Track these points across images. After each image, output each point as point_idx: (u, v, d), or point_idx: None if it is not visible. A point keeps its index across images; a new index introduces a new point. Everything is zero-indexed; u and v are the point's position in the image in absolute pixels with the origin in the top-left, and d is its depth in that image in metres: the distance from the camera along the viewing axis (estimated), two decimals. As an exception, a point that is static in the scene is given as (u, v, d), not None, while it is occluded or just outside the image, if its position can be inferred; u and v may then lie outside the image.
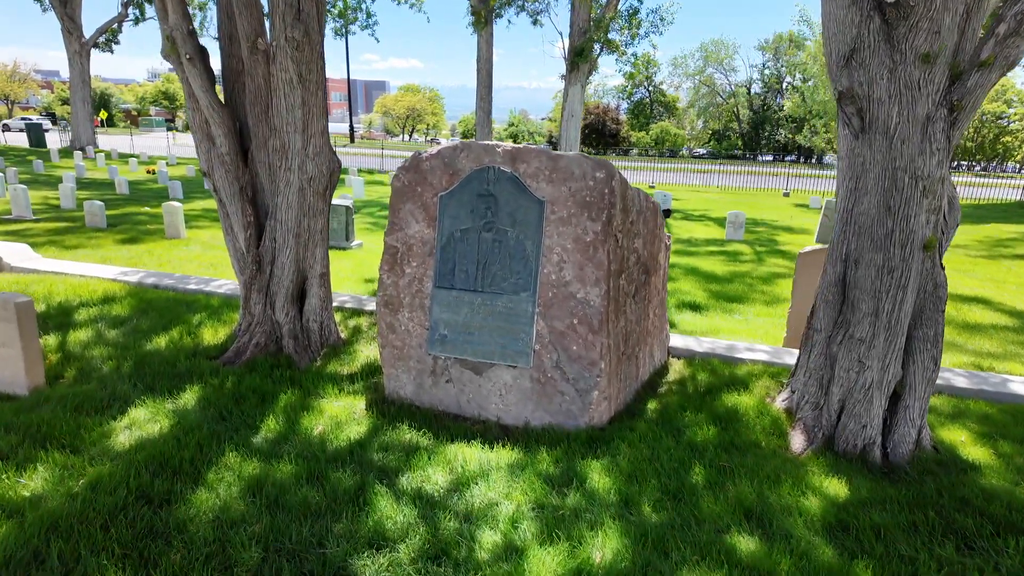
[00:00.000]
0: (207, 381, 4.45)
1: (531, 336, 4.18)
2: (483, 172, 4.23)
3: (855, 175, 3.61)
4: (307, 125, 4.82)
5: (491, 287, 4.25)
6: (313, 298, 5.23)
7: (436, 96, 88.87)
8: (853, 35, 3.39)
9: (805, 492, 3.29)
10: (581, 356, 4.11)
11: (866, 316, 3.62)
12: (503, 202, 4.19)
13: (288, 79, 4.66)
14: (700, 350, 5.36)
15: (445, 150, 4.35)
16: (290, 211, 4.94)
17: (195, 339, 5.36)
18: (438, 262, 4.37)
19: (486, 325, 4.28)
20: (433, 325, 4.41)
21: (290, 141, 4.80)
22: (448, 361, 4.41)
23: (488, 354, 4.29)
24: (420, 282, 4.45)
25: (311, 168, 4.92)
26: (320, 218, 5.12)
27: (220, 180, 5.08)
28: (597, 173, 4.06)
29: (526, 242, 4.16)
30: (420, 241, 4.43)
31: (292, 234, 4.99)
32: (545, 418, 4.21)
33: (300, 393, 4.38)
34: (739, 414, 4.18)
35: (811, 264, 5.68)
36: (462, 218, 4.29)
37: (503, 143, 4.26)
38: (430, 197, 4.38)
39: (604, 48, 27.02)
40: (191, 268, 8.95)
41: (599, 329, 4.07)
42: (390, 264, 4.52)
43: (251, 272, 5.05)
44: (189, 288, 6.95)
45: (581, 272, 4.10)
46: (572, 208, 4.10)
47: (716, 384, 4.69)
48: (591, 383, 4.09)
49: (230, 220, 5.20)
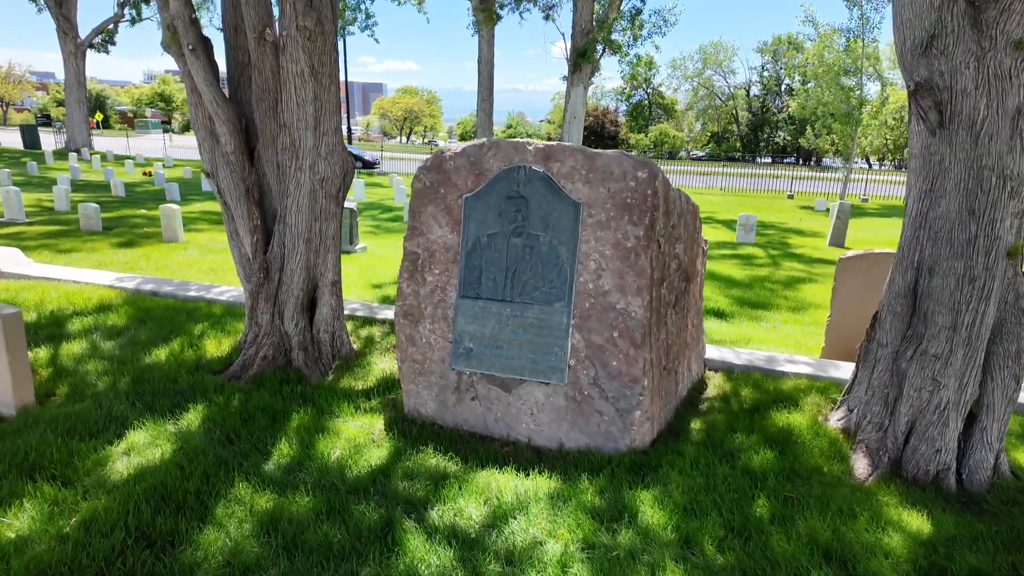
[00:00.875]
0: (212, 399, 4.09)
1: (566, 350, 3.84)
2: (513, 172, 3.89)
3: (930, 175, 3.28)
4: (319, 122, 4.47)
5: (521, 297, 3.91)
6: (324, 307, 4.88)
7: (434, 98, 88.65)
8: (932, 20, 3.06)
9: (885, 527, 2.95)
10: (622, 372, 3.76)
11: (943, 330, 3.29)
12: (535, 204, 3.85)
13: (299, 71, 4.31)
14: (738, 362, 5.03)
15: (471, 148, 4.01)
16: (300, 214, 4.59)
17: (197, 351, 4.99)
18: (463, 269, 4.02)
19: (516, 338, 3.94)
20: (457, 338, 4.06)
21: (301, 139, 4.46)
22: (474, 377, 4.06)
23: (518, 370, 3.94)
24: (443, 291, 4.10)
25: (323, 168, 4.57)
26: (332, 222, 4.77)
27: (225, 181, 4.73)
28: (639, 173, 3.72)
29: (560, 248, 3.82)
30: (443, 247, 4.08)
31: (302, 239, 4.64)
32: (581, 440, 3.86)
33: (313, 412, 4.02)
34: (793, 435, 3.84)
35: (853, 270, 5.35)
36: (489, 222, 3.94)
37: (534, 140, 3.92)
38: (454, 199, 4.04)
39: (607, 49, 26.75)
40: (190, 273, 8.58)
41: (641, 343, 3.72)
42: (410, 272, 4.17)
43: (258, 279, 4.69)
44: (189, 295, 6.58)
45: (621, 281, 3.76)
46: (611, 211, 3.76)
47: (762, 401, 4.35)
48: (633, 402, 3.74)
49: (235, 224, 4.85)
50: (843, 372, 4.88)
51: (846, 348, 5.48)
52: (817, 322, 7.38)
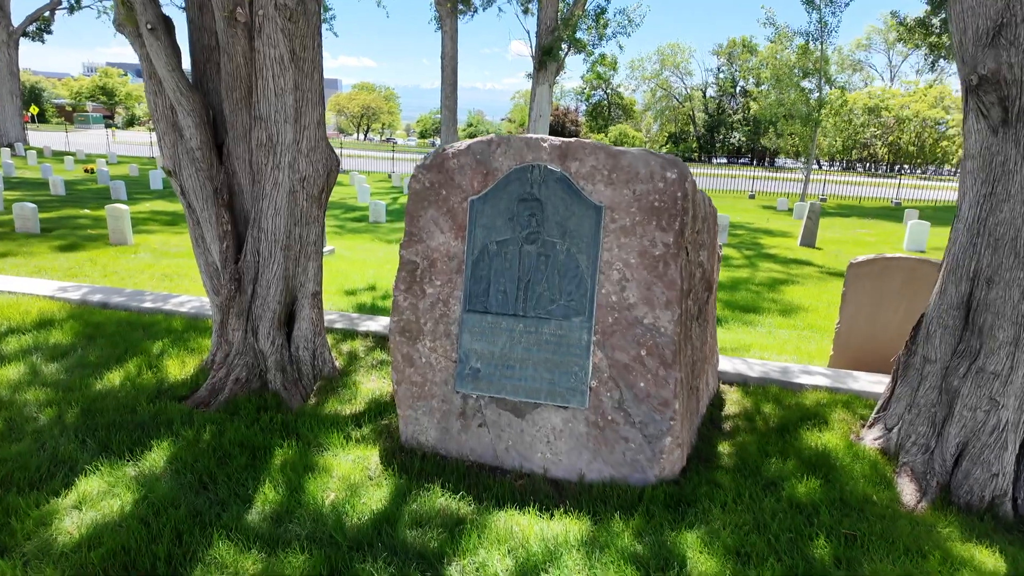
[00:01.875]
0: (179, 433, 3.54)
1: (586, 370, 3.44)
2: (525, 171, 3.48)
3: (991, 178, 3.01)
4: (300, 114, 3.96)
5: (536, 311, 3.50)
6: (304, 322, 4.36)
7: (391, 95, 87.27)
8: (1000, 7, 2.79)
9: (958, 569, 2.66)
10: (650, 395, 3.39)
11: (1003, 345, 3.03)
12: (550, 208, 3.44)
13: (277, 57, 3.79)
14: (753, 375, 4.73)
15: (476, 145, 3.58)
16: (277, 218, 4.06)
17: (158, 374, 4.40)
18: (469, 280, 3.58)
19: (529, 357, 3.52)
20: (462, 357, 3.62)
21: (279, 133, 3.93)
22: (482, 401, 3.63)
23: (532, 392, 3.53)
24: (445, 304, 3.65)
25: (304, 166, 4.06)
26: (314, 226, 4.25)
27: (190, 180, 4.16)
28: (668, 173, 3.36)
29: (579, 256, 3.43)
30: (445, 255, 3.63)
31: (279, 246, 4.11)
32: (605, 470, 3.48)
33: (298, 445, 3.52)
34: (830, 458, 3.54)
35: (864, 276, 5.14)
36: (499, 227, 3.52)
37: (549, 137, 3.51)
38: (458, 202, 3.60)
39: (572, 47, 26.55)
40: (143, 280, 7.85)
41: (672, 362, 3.36)
42: (407, 283, 3.71)
43: (228, 292, 4.14)
44: (145, 307, 5.92)
45: (648, 293, 3.39)
46: (637, 215, 3.38)
47: (788, 418, 4.06)
48: (663, 427, 3.38)
49: (201, 229, 4.29)
50: (862, 384, 4.64)
51: (856, 356, 5.27)
52: (810, 326, 7.22)
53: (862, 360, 5.25)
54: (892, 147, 65.04)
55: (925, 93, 61.61)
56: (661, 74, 67.91)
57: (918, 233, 13.95)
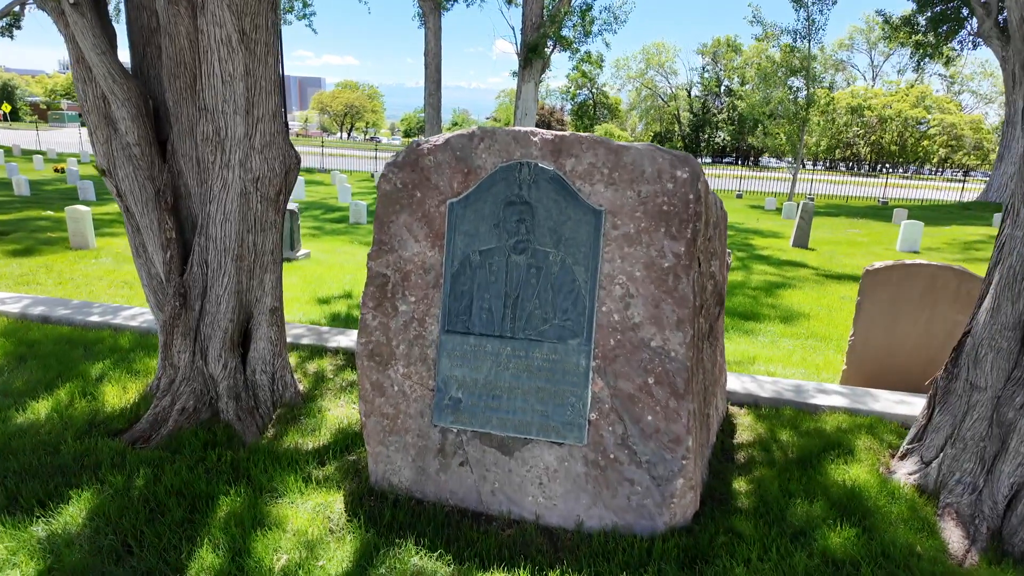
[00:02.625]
0: (106, 479, 3.00)
1: (585, 401, 2.97)
2: (512, 170, 2.99)
3: (1058, 176, 2.57)
4: (252, 104, 3.43)
5: (526, 332, 3.01)
6: (261, 342, 3.84)
7: (375, 93, 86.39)
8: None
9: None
10: (659, 430, 2.92)
11: (1072, 373, 2.59)
12: (542, 212, 2.96)
13: (225, 38, 3.27)
14: (764, 395, 4.29)
15: (456, 139, 3.08)
16: (228, 224, 3.54)
17: (93, 403, 3.85)
18: (448, 296, 3.09)
19: (519, 386, 3.04)
20: (441, 385, 3.12)
21: (228, 126, 3.41)
22: (464, 436, 3.14)
23: (522, 426, 3.04)
24: (421, 324, 3.16)
25: (258, 164, 3.54)
26: (271, 233, 3.73)
27: (126, 181, 3.62)
28: (678, 172, 2.89)
29: (576, 268, 2.95)
30: (421, 267, 3.14)
31: (231, 255, 3.58)
32: (606, 517, 3.00)
33: (249, 492, 3.00)
34: (862, 499, 3.10)
35: (881, 284, 4.72)
36: (482, 235, 3.03)
37: (540, 130, 3.03)
38: (435, 205, 3.10)
39: (557, 45, 26.14)
40: (99, 288, 7.25)
41: (684, 391, 2.89)
42: (377, 299, 3.20)
43: (173, 309, 3.61)
44: (91, 321, 5.34)
45: (656, 311, 2.92)
46: (642, 221, 2.91)
47: (808, 448, 3.61)
48: (674, 468, 2.91)
49: (141, 236, 3.75)
50: (883, 404, 4.22)
51: (872, 372, 4.85)
52: (814, 334, 6.81)
53: (879, 376, 4.83)
54: (874, 146, 65.51)
55: (907, 93, 62.12)
56: (646, 73, 67.82)
57: (911, 233, 13.68)
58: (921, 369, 4.78)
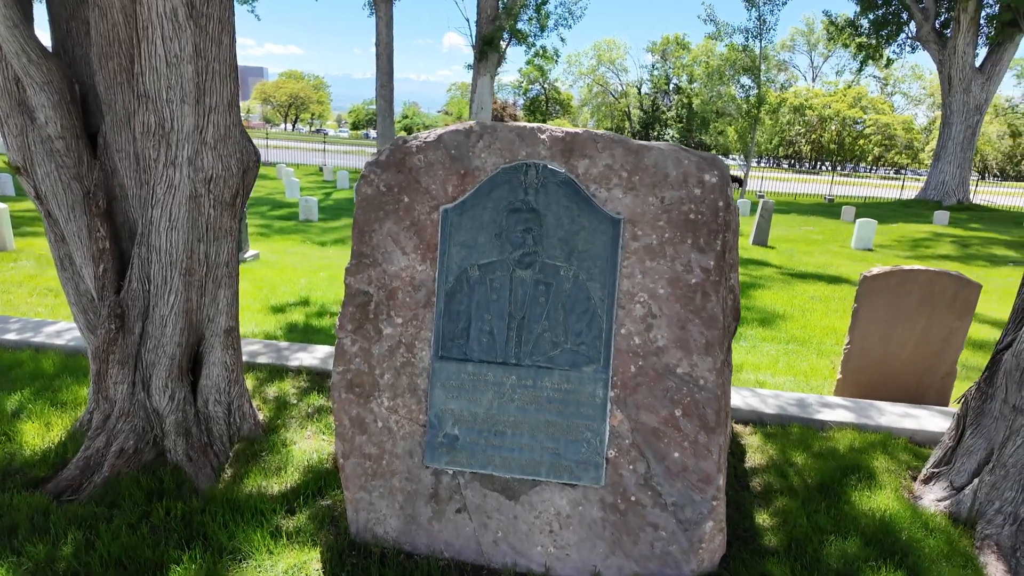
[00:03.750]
0: (24, 549, 2.45)
1: (602, 436, 2.61)
2: (517, 172, 2.59)
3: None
4: (204, 91, 2.91)
5: (533, 358, 2.63)
6: (215, 367, 3.31)
7: (321, 84, 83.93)
8: None
9: None
10: (687, 468, 2.59)
11: None
12: (552, 221, 2.58)
13: (169, 11, 2.73)
14: (768, 411, 4.04)
15: (450, 136, 2.66)
16: (175, 232, 3.00)
17: (7, 445, 3.24)
18: (442, 318, 2.67)
19: (526, 420, 2.65)
20: (434, 420, 2.70)
21: (173, 117, 2.87)
22: (461, 479, 2.72)
23: (530, 466, 2.66)
24: (410, 350, 2.72)
25: (211, 162, 3.01)
26: (226, 242, 3.21)
27: (48, 181, 3.04)
28: (706, 176, 2.55)
29: (591, 285, 2.58)
30: (409, 283, 2.70)
31: (177, 269, 3.05)
32: (626, 567, 2.65)
33: (207, 557, 2.50)
34: (895, 532, 2.86)
35: (879, 291, 4.54)
36: (482, 246, 2.62)
37: (548, 126, 2.64)
38: (425, 212, 2.67)
39: (513, 38, 25.78)
40: (18, 297, 6.44)
41: (716, 424, 2.57)
42: (357, 321, 2.75)
43: (108, 333, 3.05)
44: (7, 339, 4.63)
45: (682, 333, 2.58)
46: (666, 231, 2.57)
47: (825, 471, 3.36)
48: (703, 510, 2.58)
49: (67, 246, 3.17)
50: (889, 418, 4.03)
51: (868, 381, 4.68)
52: (794, 337, 6.68)
53: (875, 385, 4.67)
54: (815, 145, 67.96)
55: (844, 93, 64.57)
56: (597, 70, 68.19)
57: (866, 232, 13.96)
58: (917, 379, 4.64)
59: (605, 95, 69.31)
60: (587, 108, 70.49)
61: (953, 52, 23.77)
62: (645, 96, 69.06)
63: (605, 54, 66.66)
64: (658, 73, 68.26)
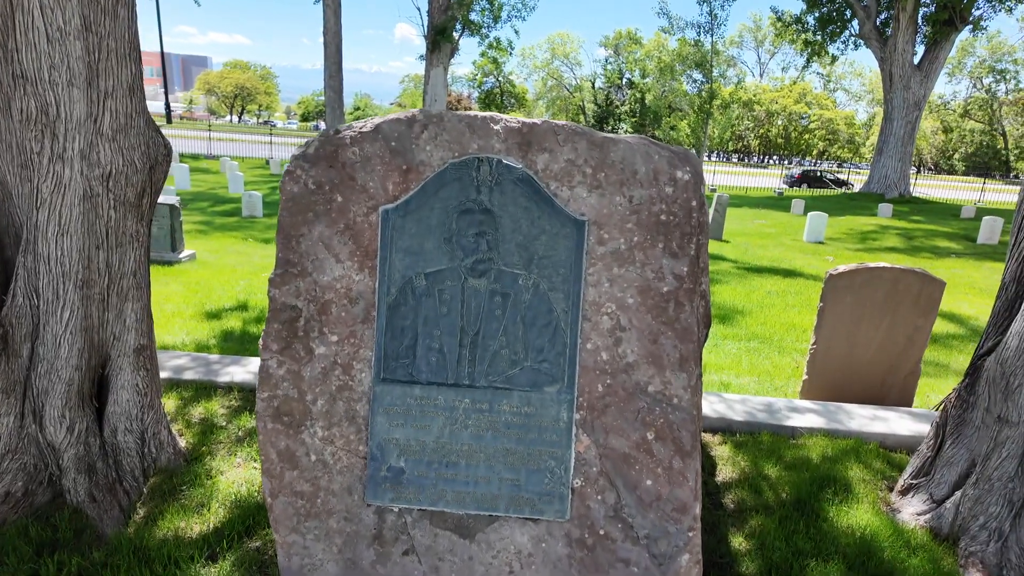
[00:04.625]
0: None
1: (567, 464, 2.33)
2: (468, 168, 2.27)
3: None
4: (97, 73, 2.48)
5: (490, 378, 2.32)
6: (124, 392, 2.88)
7: (268, 74, 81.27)
8: None
9: None
10: (660, 496, 2.33)
11: None
12: (508, 223, 2.27)
13: (47, -27, 2.29)
14: (736, 418, 3.85)
15: (389, 125, 2.31)
16: (66, 238, 2.56)
17: None
18: (383, 334, 2.33)
19: (481, 449, 2.34)
20: (376, 452, 2.37)
21: (60, 103, 2.43)
22: (408, 517, 2.40)
23: (486, 501, 2.36)
24: (347, 371, 2.38)
25: (109, 156, 2.58)
26: (132, 248, 2.78)
27: (-95, 176, 2.55)
28: (678, 173, 2.29)
29: (553, 295, 2.29)
30: (345, 295, 2.35)
31: (73, 281, 2.61)
32: (597, 608, 2.38)
33: (103, 625, 2.11)
34: (877, 551, 2.68)
35: (844, 289, 4.41)
36: (429, 252, 2.30)
37: (504, 116, 2.33)
38: (362, 213, 2.33)
39: (466, 29, 25.34)
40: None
41: (691, 448, 2.32)
42: (284, 340, 2.38)
43: (-13, 356, 2.59)
44: None
45: (654, 347, 2.32)
46: (635, 234, 2.30)
47: (800, 484, 3.18)
48: (679, 542, 2.33)
49: (-65, 254, 2.68)
50: (859, 422, 3.90)
51: (833, 382, 4.57)
52: (754, 335, 6.58)
53: (841, 385, 4.55)
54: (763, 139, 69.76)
55: (790, 89, 66.41)
56: (551, 63, 68.16)
57: (817, 224, 14.18)
58: (881, 378, 4.55)
59: (560, 89, 69.37)
60: (542, 102, 70.43)
61: (893, 50, 24.53)
62: (599, 91, 69.42)
63: (559, 48, 66.68)
64: (611, 68, 68.69)
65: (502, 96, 67.66)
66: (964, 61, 55.78)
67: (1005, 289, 2.76)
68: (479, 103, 65.80)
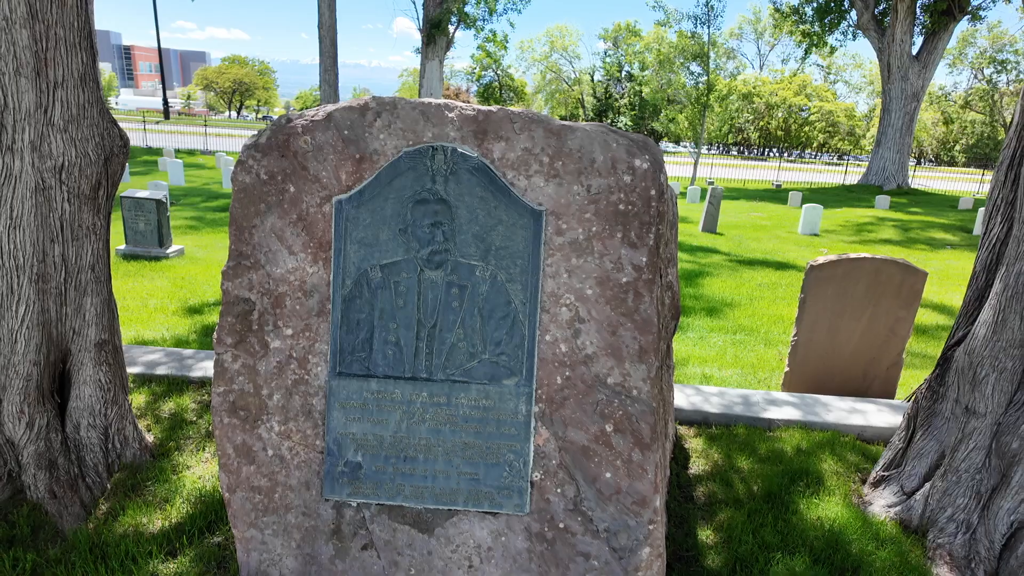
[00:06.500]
0: None
1: (526, 458, 2.29)
2: (423, 156, 2.23)
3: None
4: (46, 62, 2.43)
5: (447, 371, 2.29)
6: (86, 387, 2.85)
7: (267, 69, 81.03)
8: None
9: None
10: (620, 490, 2.30)
11: (1095, 400, 2.21)
12: (464, 214, 2.23)
13: (-9, -40, 2.24)
14: (713, 410, 3.81)
15: (341, 114, 2.27)
16: (19, 231, 2.52)
17: None
18: (339, 328, 2.30)
19: (439, 443, 2.31)
20: (333, 447, 2.34)
21: (7, 93, 2.39)
22: (366, 512, 2.37)
23: (445, 495, 2.33)
24: (302, 365, 2.34)
25: (61, 147, 2.54)
26: (89, 242, 2.74)
27: None
28: (636, 161, 2.24)
29: (511, 287, 2.25)
30: (299, 288, 2.32)
31: (27, 275, 2.57)
32: (557, 603, 2.35)
33: (51, 622, 2.08)
34: (845, 544, 2.65)
35: (826, 280, 4.37)
36: (384, 244, 2.26)
37: (458, 103, 2.28)
38: (315, 204, 2.29)
39: (461, 22, 25.21)
40: None
41: (650, 440, 2.28)
42: (238, 334, 2.35)
43: (-58, 351, 2.55)
44: None
45: (613, 339, 2.28)
46: (594, 224, 2.25)
47: (771, 477, 3.15)
48: (639, 536, 2.30)
49: None
50: (836, 414, 3.86)
51: (814, 374, 4.53)
52: (741, 327, 6.54)
53: (822, 377, 4.52)
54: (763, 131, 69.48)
55: (790, 81, 66.10)
56: (550, 56, 67.87)
57: (812, 216, 14.10)
58: (863, 370, 4.51)
59: (559, 82, 69.09)
60: (541, 95, 70.16)
61: (891, 40, 24.37)
62: (598, 83, 69.15)
63: (558, 41, 66.37)
64: (610, 60, 68.40)
65: (501, 90, 67.43)
66: (965, 51, 55.47)
67: (976, 278, 2.72)
68: (478, 96, 65.58)
